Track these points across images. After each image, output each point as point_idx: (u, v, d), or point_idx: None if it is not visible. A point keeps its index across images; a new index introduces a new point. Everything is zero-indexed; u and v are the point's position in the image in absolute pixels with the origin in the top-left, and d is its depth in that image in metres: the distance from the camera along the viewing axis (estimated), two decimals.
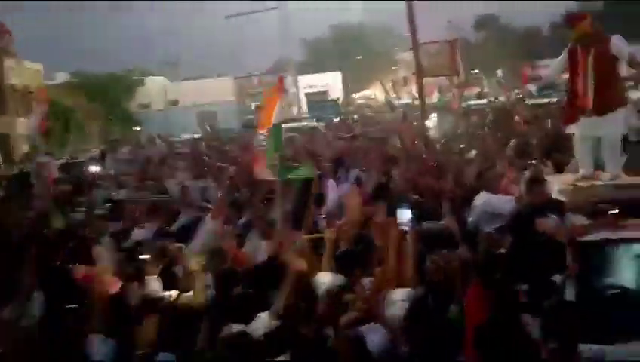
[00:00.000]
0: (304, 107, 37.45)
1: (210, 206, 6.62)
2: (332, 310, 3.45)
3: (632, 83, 9.08)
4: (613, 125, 5.69)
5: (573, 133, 5.91)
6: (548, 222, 4.25)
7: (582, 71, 5.52)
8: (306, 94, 46.01)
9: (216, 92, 46.88)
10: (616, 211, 4.37)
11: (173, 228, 6.52)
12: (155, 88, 50.23)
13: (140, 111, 46.94)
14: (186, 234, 5.79)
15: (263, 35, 48.93)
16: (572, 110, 5.76)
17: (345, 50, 56.33)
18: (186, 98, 47.86)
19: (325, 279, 3.77)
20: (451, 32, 47.33)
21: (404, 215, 3.71)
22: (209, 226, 5.50)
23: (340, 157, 8.31)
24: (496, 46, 52.10)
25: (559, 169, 6.80)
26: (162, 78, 54.00)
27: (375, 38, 58.97)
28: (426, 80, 14.43)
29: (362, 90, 51.49)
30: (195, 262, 4.08)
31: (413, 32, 8.78)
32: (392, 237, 3.73)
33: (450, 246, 4.61)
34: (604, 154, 5.86)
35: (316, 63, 56.27)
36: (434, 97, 27.13)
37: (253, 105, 37.00)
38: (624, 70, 5.80)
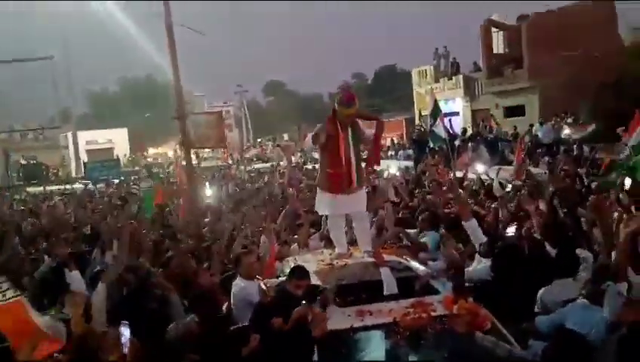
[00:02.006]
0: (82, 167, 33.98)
1: None
2: None
3: None
4: (363, 201, 5.95)
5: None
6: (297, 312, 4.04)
7: (344, 146, 5.64)
8: (88, 151, 42.87)
9: None
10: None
11: None
12: None
13: None
14: None
15: (35, 85, 43.70)
16: (338, 185, 5.68)
17: (134, 106, 54.16)
18: None
19: None
20: (240, 95, 49.28)
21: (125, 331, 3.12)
22: None
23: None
24: (283, 111, 55.09)
25: None
26: None
27: (166, 95, 57.95)
28: None
29: (153, 147, 49.79)
30: None
31: (180, 103, 8.46)
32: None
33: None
34: (356, 231, 6.06)
35: (101, 118, 53.04)
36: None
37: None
38: None
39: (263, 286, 4.75)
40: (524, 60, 22.81)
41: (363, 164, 5.82)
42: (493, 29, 25.42)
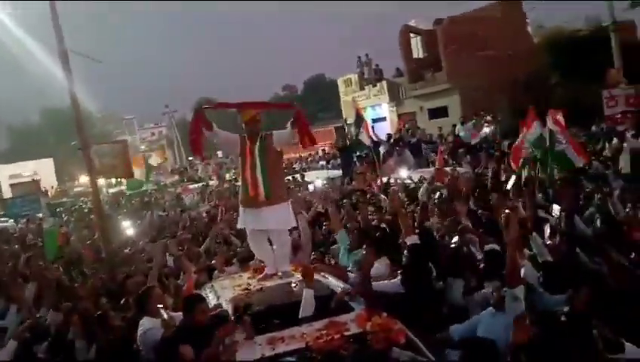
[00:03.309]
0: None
1: None
2: None
3: None
4: (283, 219, 5.75)
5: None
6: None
7: (249, 159, 5.48)
8: (13, 186, 40.68)
9: None
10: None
11: None
12: None
13: None
14: None
15: None
16: (246, 199, 5.61)
17: (58, 135, 51.90)
18: None
19: None
20: (168, 116, 48.13)
21: None
22: None
23: None
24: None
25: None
26: None
27: (91, 121, 56.00)
28: None
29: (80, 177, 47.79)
30: None
31: (81, 133, 8.08)
32: None
33: None
34: (275, 250, 5.88)
35: (25, 150, 50.50)
36: None
37: None
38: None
39: (165, 315, 4.45)
40: (442, 63, 23.44)
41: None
42: (412, 35, 26.03)
